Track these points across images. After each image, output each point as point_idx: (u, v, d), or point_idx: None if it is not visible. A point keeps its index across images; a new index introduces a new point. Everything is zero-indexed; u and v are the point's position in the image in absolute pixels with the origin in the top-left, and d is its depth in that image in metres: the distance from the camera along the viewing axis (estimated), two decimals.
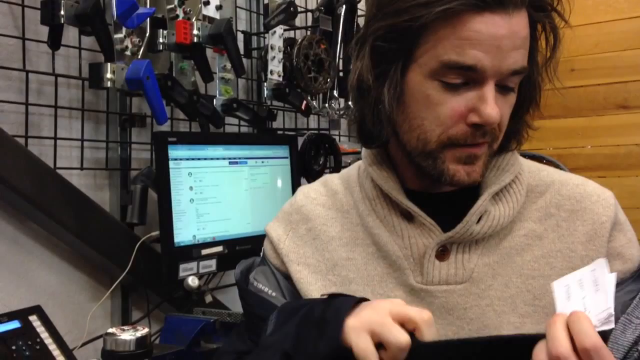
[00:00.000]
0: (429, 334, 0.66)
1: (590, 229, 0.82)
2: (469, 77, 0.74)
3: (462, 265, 0.81)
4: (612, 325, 0.61)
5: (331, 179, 0.96)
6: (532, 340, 0.63)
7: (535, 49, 0.79)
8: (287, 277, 0.90)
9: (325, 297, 0.75)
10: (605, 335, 0.61)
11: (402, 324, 0.66)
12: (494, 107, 0.74)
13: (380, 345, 0.66)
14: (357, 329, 0.66)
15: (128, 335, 1.05)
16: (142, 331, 1.07)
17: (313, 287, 0.86)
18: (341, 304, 0.71)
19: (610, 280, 0.63)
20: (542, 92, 0.83)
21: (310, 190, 0.96)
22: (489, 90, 0.74)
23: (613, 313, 0.61)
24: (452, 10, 0.71)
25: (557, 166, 2.61)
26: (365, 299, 0.72)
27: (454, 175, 0.79)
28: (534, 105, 0.83)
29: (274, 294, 0.88)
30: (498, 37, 0.71)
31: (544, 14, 0.77)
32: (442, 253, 0.82)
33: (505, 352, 0.65)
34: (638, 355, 0.76)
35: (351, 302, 0.70)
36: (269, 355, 0.72)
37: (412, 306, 0.68)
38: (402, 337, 0.64)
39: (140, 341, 1.06)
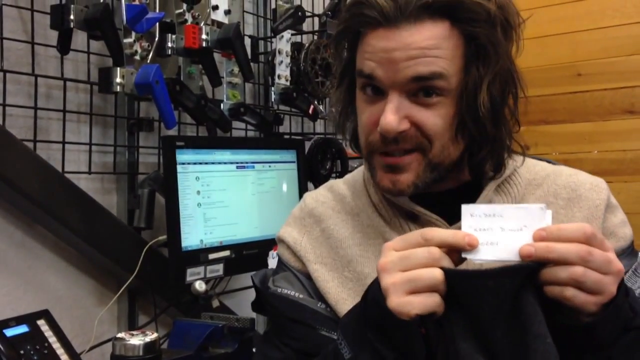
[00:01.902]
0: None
1: (587, 214, 0.87)
2: (374, 88, 0.80)
3: (467, 265, 0.82)
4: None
5: (336, 185, 0.98)
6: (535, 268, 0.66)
7: (474, 61, 0.78)
8: (309, 277, 0.90)
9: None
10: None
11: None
12: (388, 116, 0.77)
13: None
14: (389, 290, 0.66)
15: (137, 340, 1.05)
16: (151, 336, 1.07)
17: (330, 284, 0.87)
18: (371, 290, 0.72)
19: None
20: (481, 107, 0.79)
21: (318, 195, 0.97)
22: (389, 100, 0.78)
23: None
24: (352, 29, 0.81)
25: None
26: None
27: (380, 182, 0.83)
28: (472, 114, 0.79)
29: (301, 295, 0.88)
30: (388, 49, 0.77)
31: (468, 24, 0.77)
32: None
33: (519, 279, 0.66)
34: None
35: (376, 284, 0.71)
36: None
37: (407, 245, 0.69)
38: (435, 275, 0.65)
39: (149, 346, 1.06)
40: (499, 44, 0.78)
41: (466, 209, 0.68)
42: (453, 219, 0.83)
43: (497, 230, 0.67)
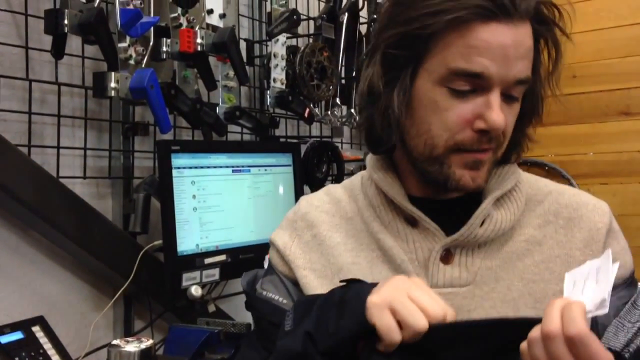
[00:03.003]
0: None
1: (587, 235, 0.85)
2: (475, 84, 0.76)
3: (465, 268, 0.83)
4: (605, 310, 0.62)
5: (334, 189, 0.98)
6: (534, 322, 0.66)
7: (539, 62, 0.82)
8: (296, 283, 0.90)
9: (343, 284, 0.77)
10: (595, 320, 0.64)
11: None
12: (499, 113, 0.76)
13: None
14: (379, 305, 0.68)
15: (132, 346, 1.05)
16: (147, 342, 1.06)
17: (319, 291, 0.86)
18: (361, 287, 0.73)
19: (612, 270, 0.65)
20: (544, 104, 0.85)
21: (313, 199, 0.97)
22: (495, 97, 0.76)
23: (607, 298, 0.62)
24: (460, 19, 0.74)
25: (559, 173, 2.62)
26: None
27: (460, 179, 0.81)
28: (536, 117, 0.85)
29: (284, 301, 0.88)
30: (504, 46, 0.74)
31: (546, 27, 0.80)
32: (446, 256, 0.84)
33: (512, 333, 0.67)
34: (629, 356, 0.78)
35: (370, 285, 0.72)
36: (290, 338, 0.73)
37: (432, 293, 0.70)
38: (421, 322, 0.66)
39: (144, 353, 1.05)
40: (559, 46, 0.81)
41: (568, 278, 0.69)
42: (451, 228, 0.83)
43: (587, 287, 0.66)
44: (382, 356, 0.67)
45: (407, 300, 0.67)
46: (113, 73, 1.41)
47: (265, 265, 1.49)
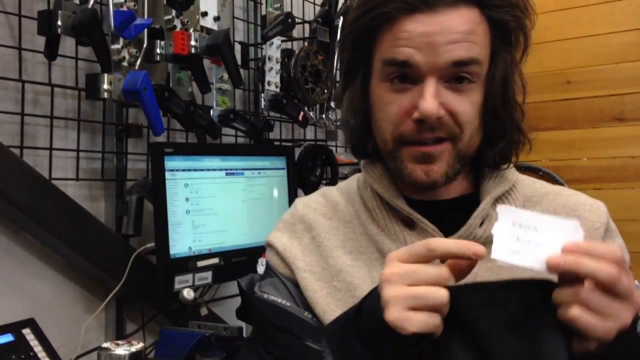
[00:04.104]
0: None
1: (586, 235, 0.84)
2: (408, 74, 0.78)
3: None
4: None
5: (330, 191, 0.97)
6: (549, 284, 0.65)
7: (499, 46, 0.81)
8: (297, 284, 0.89)
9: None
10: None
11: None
12: (429, 100, 0.76)
13: None
14: (401, 318, 0.64)
15: (122, 350, 1.04)
16: (137, 346, 1.05)
17: (319, 294, 0.86)
18: (368, 300, 0.70)
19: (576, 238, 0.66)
20: (513, 90, 0.83)
21: (310, 201, 0.96)
22: (427, 85, 0.77)
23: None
24: (386, 14, 0.78)
25: (553, 178, 2.62)
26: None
27: (411, 173, 0.81)
28: (505, 102, 0.82)
29: (287, 303, 0.87)
30: (428, 33, 0.76)
31: (497, 10, 0.79)
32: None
33: (530, 292, 0.66)
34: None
35: (374, 300, 0.68)
36: None
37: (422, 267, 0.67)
38: (441, 295, 0.63)
39: (134, 356, 1.05)
40: (525, 28, 0.81)
41: (502, 211, 0.67)
42: (450, 229, 0.83)
43: (528, 238, 0.66)
44: (443, 341, 0.65)
45: (413, 289, 0.64)
46: (106, 75, 1.41)
47: (258, 270, 1.50)
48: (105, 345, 1.05)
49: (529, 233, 0.65)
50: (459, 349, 0.65)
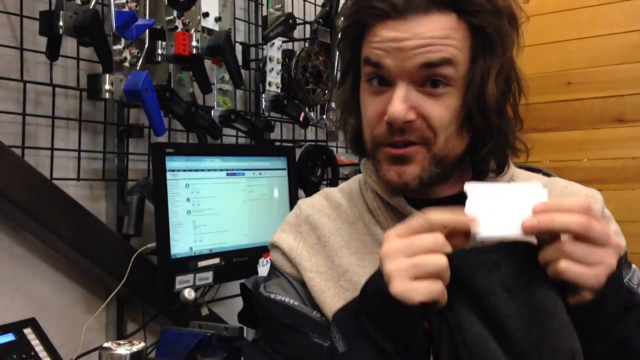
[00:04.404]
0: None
1: None
2: (382, 77, 0.80)
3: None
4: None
5: (332, 192, 0.97)
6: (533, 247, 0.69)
7: (478, 51, 0.80)
8: (304, 284, 0.89)
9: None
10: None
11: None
12: (396, 104, 0.78)
13: None
14: (406, 290, 0.65)
15: (124, 349, 1.04)
16: (138, 346, 1.05)
17: (326, 293, 0.87)
18: (372, 280, 0.71)
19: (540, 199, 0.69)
20: (493, 96, 0.81)
21: (313, 202, 0.96)
22: (397, 89, 0.79)
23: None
24: (361, 21, 0.81)
25: None
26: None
27: (385, 174, 0.83)
28: (479, 107, 0.80)
29: (295, 302, 0.87)
30: (398, 39, 0.78)
31: (473, 15, 0.79)
32: None
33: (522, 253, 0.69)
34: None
35: (380, 279, 0.69)
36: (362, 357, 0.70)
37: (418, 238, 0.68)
38: (440, 261, 0.66)
39: (135, 356, 1.05)
40: (506, 35, 0.80)
41: (469, 187, 0.70)
42: None
43: (499, 208, 0.68)
44: (448, 309, 0.67)
45: (413, 259, 0.66)
46: (108, 75, 1.41)
47: (259, 270, 1.51)
48: (106, 345, 1.05)
49: (499, 203, 0.68)
50: (464, 314, 0.66)
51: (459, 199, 0.86)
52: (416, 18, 0.78)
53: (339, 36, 0.91)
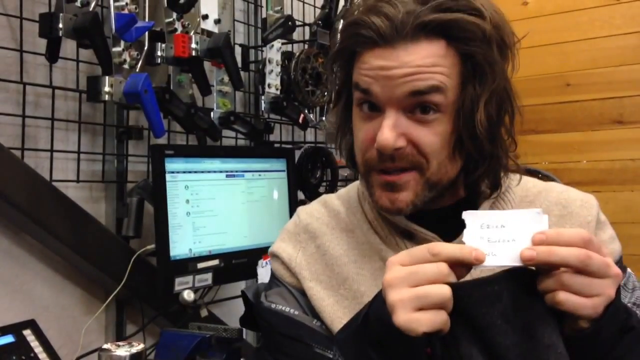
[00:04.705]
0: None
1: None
2: (370, 103, 0.80)
3: (469, 273, 0.82)
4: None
5: (330, 200, 0.97)
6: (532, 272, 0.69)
7: (468, 79, 0.79)
8: (304, 293, 0.90)
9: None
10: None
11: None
12: (385, 132, 0.77)
13: None
14: (409, 320, 0.65)
15: (123, 351, 1.04)
16: (138, 347, 1.05)
17: (326, 302, 0.87)
18: (374, 306, 0.71)
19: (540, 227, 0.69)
20: (482, 122, 0.79)
21: (312, 210, 0.97)
22: (386, 117, 0.78)
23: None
24: (347, 49, 0.82)
25: (552, 180, 2.62)
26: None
27: (378, 200, 0.82)
28: (469, 133, 0.79)
29: (296, 312, 0.88)
30: (385, 67, 0.78)
31: (465, 43, 0.78)
32: None
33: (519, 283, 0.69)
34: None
35: (381, 305, 0.68)
36: None
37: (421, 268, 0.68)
38: (444, 292, 0.65)
39: (135, 357, 1.04)
40: (495, 63, 0.78)
41: (467, 216, 0.69)
42: (449, 236, 0.83)
43: (498, 237, 0.68)
44: (450, 338, 0.67)
45: (416, 289, 0.65)
46: (107, 77, 1.41)
47: (258, 272, 1.51)
48: (106, 346, 1.05)
49: (498, 232, 0.68)
50: (465, 344, 0.67)
51: (454, 210, 0.86)
52: (404, 46, 0.77)
53: (329, 58, 0.90)
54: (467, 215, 0.69)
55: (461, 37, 0.77)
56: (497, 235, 0.68)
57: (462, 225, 0.83)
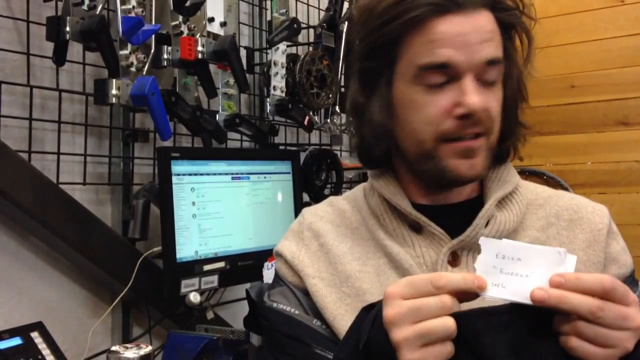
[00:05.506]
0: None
1: (590, 236, 0.87)
2: (447, 74, 0.79)
3: (473, 269, 0.82)
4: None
5: (336, 200, 0.98)
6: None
7: (511, 47, 0.85)
8: (306, 293, 0.90)
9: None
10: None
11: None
12: (475, 95, 0.78)
13: None
14: (409, 345, 0.64)
15: (131, 353, 1.05)
16: (146, 349, 1.06)
17: (328, 299, 0.87)
18: (376, 337, 0.68)
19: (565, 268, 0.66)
20: (526, 90, 0.88)
21: (317, 210, 0.97)
22: (468, 82, 0.79)
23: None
24: (417, 18, 0.78)
25: (557, 182, 2.62)
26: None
27: (455, 169, 0.81)
28: (520, 101, 0.88)
29: (296, 312, 0.88)
30: (463, 33, 0.78)
31: (507, 13, 0.83)
32: (454, 259, 0.85)
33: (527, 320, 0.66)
34: None
35: (383, 337, 0.67)
36: None
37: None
38: (448, 325, 0.64)
39: (143, 359, 1.05)
40: (529, 32, 0.85)
41: (484, 243, 0.67)
42: (456, 233, 0.84)
43: (511, 270, 0.65)
44: None
45: (420, 327, 0.64)
46: (114, 80, 1.42)
47: (264, 274, 1.50)
48: (114, 348, 1.06)
49: (513, 265, 0.65)
50: None
51: (464, 208, 0.87)
52: (473, 12, 0.79)
53: (360, 43, 0.86)
54: (484, 242, 0.67)
55: (504, 7, 0.82)
56: (511, 268, 0.65)
57: (469, 223, 0.84)
